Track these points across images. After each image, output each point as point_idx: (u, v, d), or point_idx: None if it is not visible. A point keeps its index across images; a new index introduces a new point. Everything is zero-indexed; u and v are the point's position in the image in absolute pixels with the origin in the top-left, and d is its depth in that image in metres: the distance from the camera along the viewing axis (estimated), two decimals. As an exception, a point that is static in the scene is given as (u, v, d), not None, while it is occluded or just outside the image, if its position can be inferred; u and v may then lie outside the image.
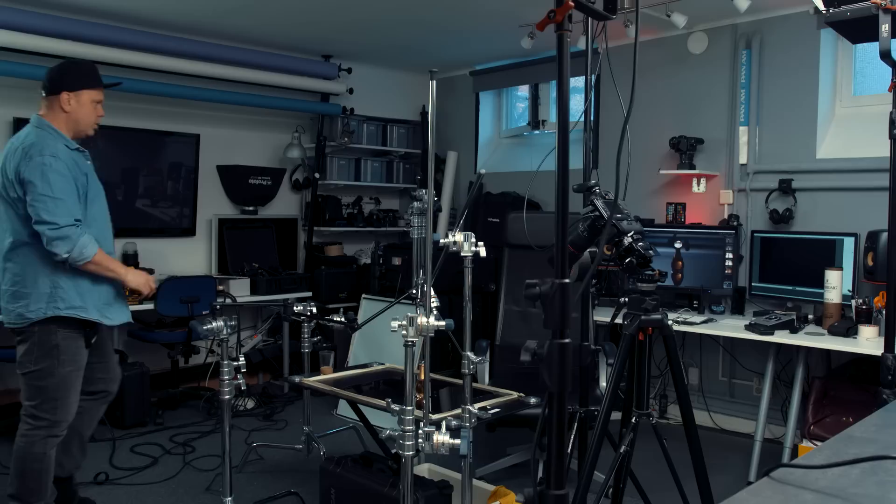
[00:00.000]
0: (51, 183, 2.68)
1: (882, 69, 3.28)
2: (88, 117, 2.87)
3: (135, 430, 4.30)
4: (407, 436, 2.02)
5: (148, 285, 2.93)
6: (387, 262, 5.37)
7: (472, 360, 2.50)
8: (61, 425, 2.84)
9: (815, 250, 3.95)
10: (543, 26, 1.32)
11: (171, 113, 5.14)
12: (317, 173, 5.69)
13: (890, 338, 2.19)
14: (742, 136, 4.49)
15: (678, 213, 4.69)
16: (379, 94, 6.14)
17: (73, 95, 2.81)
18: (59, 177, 2.70)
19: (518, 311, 4.09)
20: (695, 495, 2.15)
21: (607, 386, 2.49)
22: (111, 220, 3.04)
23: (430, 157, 2.19)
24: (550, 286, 1.30)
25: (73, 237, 2.69)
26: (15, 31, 4.19)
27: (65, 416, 2.85)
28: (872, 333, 3.39)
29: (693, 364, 4.73)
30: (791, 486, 1.20)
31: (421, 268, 2.48)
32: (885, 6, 1.96)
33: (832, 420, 3.63)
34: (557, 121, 1.38)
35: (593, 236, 2.15)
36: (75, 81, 2.83)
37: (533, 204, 5.46)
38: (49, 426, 2.81)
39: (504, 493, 2.95)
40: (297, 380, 3.26)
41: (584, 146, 2.66)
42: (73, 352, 2.84)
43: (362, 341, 4.77)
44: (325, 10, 4.45)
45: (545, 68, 5.44)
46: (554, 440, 1.32)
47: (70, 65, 2.97)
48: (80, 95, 2.83)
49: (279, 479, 3.64)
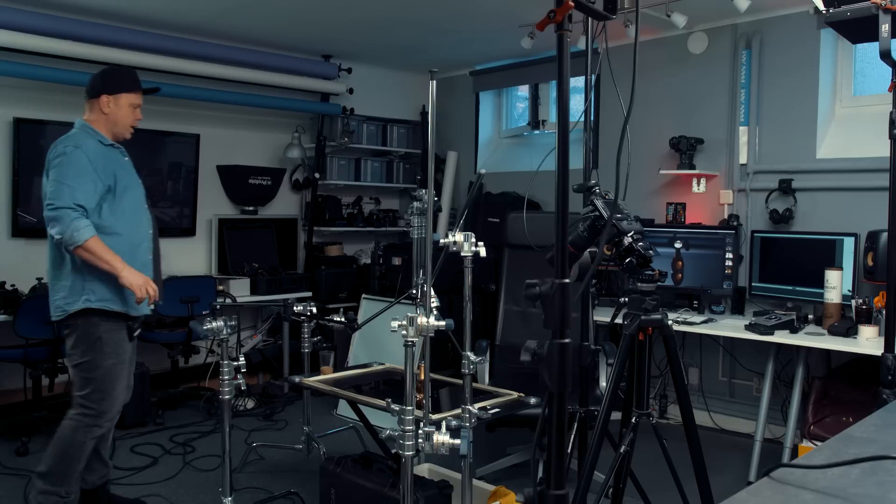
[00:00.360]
0: (65, 170, 2.77)
1: (882, 69, 3.28)
2: (125, 119, 2.99)
3: (135, 430, 4.30)
4: (407, 436, 2.02)
5: (144, 288, 2.81)
6: (387, 262, 5.37)
7: (472, 360, 2.50)
8: (107, 416, 2.93)
9: (815, 250, 3.95)
10: (543, 26, 1.32)
11: (171, 113, 5.14)
12: (317, 173, 5.69)
13: (890, 338, 2.19)
14: (742, 136, 4.49)
15: (678, 213, 4.69)
16: (379, 94, 6.14)
17: (112, 98, 2.95)
18: (74, 165, 2.78)
19: (518, 311, 4.09)
20: (695, 495, 2.15)
21: (607, 386, 2.49)
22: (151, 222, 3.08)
23: (430, 157, 2.19)
24: (550, 286, 1.30)
25: (67, 219, 2.70)
26: (15, 31, 4.19)
27: (110, 407, 2.92)
28: (872, 333, 3.39)
29: (693, 364, 4.73)
30: (791, 486, 1.20)
31: (421, 268, 2.48)
32: (885, 6, 1.96)
33: (832, 420, 3.63)
34: (557, 121, 1.38)
35: (593, 236, 2.15)
36: (114, 85, 2.96)
37: (533, 204, 5.46)
38: (95, 416, 2.90)
39: (504, 493, 2.95)
40: (297, 380, 3.26)
41: (584, 146, 2.66)
42: (116, 344, 2.91)
43: (362, 341, 4.77)
44: (325, 10, 4.45)
45: (545, 68, 5.44)
46: (554, 440, 1.32)
47: (111, 70, 3.11)
48: (118, 98, 2.95)
49: (279, 479, 3.64)
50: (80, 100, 4.72)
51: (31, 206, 4.58)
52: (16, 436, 4.03)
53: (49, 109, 4.65)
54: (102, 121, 2.96)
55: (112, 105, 2.95)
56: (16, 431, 4.11)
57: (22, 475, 3.58)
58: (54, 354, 4.05)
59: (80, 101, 4.73)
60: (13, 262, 4.47)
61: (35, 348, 3.97)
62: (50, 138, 4.60)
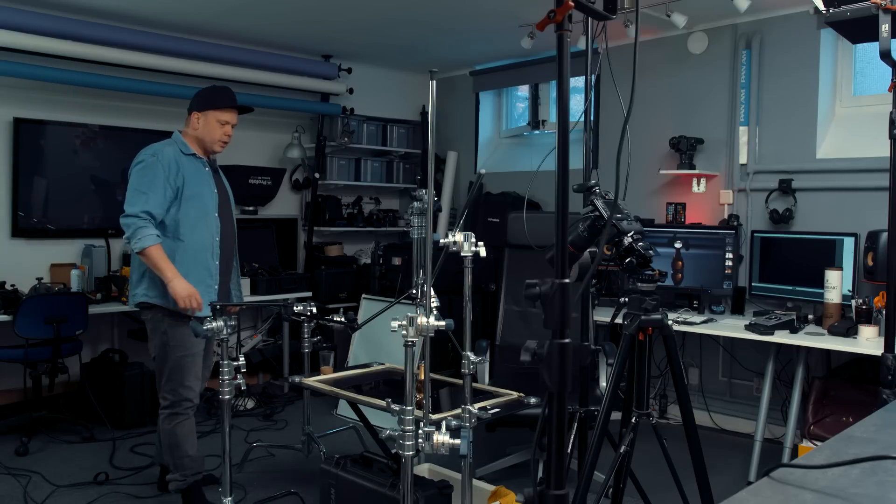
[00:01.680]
0: (140, 177, 3.02)
1: (882, 69, 3.29)
2: (213, 135, 3.20)
3: (135, 430, 4.30)
4: (407, 436, 2.02)
5: (187, 300, 2.98)
6: (387, 262, 5.37)
7: (472, 360, 2.50)
8: (182, 405, 3.12)
9: (815, 250, 3.95)
10: (543, 26, 1.31)
11: (172, 113, 5.13)
12: (317, 173, 5.69)
13: (890, 338, 2.19)
14: (742, 136, 4.49)
15: (678, 213, 4.69)
16: (379, 94, 6.14)
17: (202, 115, 3.18)
18: (148, 173, 3.02)
19: (518, 311, 4.09)
20: (695, 495, 2.15)
21: (607, 386, 2.49)
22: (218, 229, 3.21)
23: (430, 157, 2.19)
24: (550, 286, 1.30)
25: (133, 226, 2.96)
26: (15, 31, 4.19)
27: (182, 397, 3.11)
28: (872, 333, 3.39)
29: (693, 364, 4.73)
30: (791, 486, 1.20)
31: (421, 268, 2.48)
32: (885, 6, 1.96)
33: (832, 420, 3.63)
34: (557, 121, 1.38)
35: (593, 236, 2.15)
36: (203, 103, 3.19)
37: (533, 204, 5.46)
38: (171, 405, 3.12)
39: (504, 493, 2.95)
40: (297, 380, 3.26)
41: (584, 146, 2.66)
42: (181, 338, 3.07)
43: (362, 341, 4.77)
44: (325, 10, 4.45)
45: (545, 68, 5.44)
46: (554, 440, 1.32)
47: (206, 88, 3.29)
48: (206, 116, 3.18)
49: (279, 479, 3.64)
50: (80, 100, 4.79)
51: (31, 206, 4.58)
52: (16, 436, 4.04)
53: (49, 109, 4.65)
54: (192, 135, 3.20)
55: (201, 121, 3.18)
56: (16, 431, 4.11)
57: (22, 475, 3.58)
58: (54, 354, 4.05)
59: (81, 101, 4.79)
60: (13, 262, 4.47)
61: (35, 348, 3.97)
62: (50, 138, 4.65)
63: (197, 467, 3.17)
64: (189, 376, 3.11)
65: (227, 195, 3.32)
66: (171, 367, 3.10)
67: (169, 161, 3.05)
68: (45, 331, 3.95)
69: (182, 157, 3.12)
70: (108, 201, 4.90)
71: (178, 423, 3.12)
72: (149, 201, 2.98)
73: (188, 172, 3.11)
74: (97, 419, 4.25)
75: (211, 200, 3.19)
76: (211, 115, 3.17)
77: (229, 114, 3.22)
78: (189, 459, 3.14)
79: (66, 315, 4.01)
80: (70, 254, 4.74)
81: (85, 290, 4.47)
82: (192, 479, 3.15)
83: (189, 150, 3.16)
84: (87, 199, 4.82)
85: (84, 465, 3.77)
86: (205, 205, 3.15)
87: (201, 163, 3.20)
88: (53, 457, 3.90)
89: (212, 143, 3.20)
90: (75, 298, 4.14)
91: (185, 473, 3.14)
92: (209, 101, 3.20)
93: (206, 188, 3.18)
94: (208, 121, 3.18)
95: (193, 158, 3.16)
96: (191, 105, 3.22)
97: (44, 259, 4.64)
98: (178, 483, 3.15)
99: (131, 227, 2.96)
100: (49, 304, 4.00)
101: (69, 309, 4.05)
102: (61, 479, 3.57)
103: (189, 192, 3.09)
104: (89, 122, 4.80)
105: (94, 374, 4.49)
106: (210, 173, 3.23)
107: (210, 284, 3.16)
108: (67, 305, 4.06)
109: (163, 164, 3.03)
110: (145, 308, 3.12)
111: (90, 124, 4.80)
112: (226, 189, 3.33)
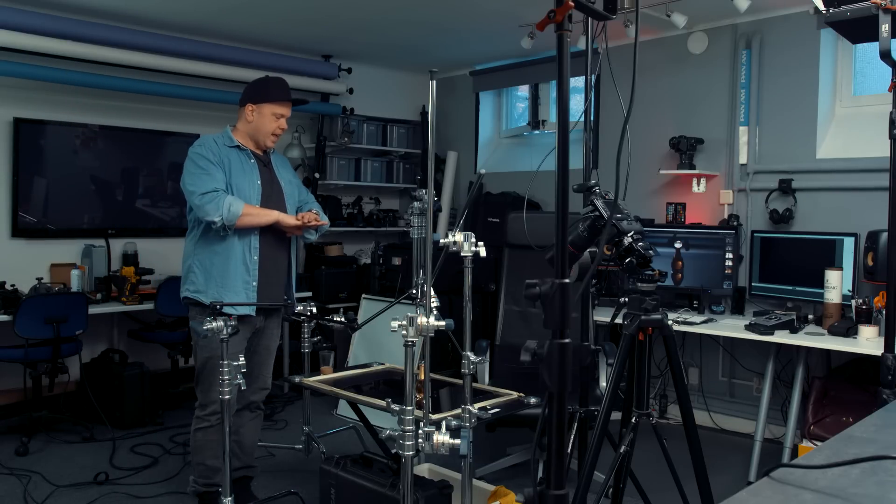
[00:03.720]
0: (195, 161, 2.99)
1: (882, 69, 3.29)
2: (267, 127, 3.13)
3: (135, 430, 4.30)
4: (407, 436, 2.02)
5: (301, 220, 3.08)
6: (387, 262, 5.37)
7: (472, 360, 2.50)
8: (207, 408, 3.06)
9: (815, 250, 3.95)
10: (543, 26, 1.31)
11: (171, 113, 5.14)
12: (317, 173, 5.69)
13: (890, 338, 2.19)
14: (742, 136, 4.49)
15: (678, 213, 4.69)
16: (379, 94, 6.14)
17: (256, 108, 3.12)
18: (202, 157, 3.00)
19: (518, 311, 4.09)
20: (695, 495, 2.15)
21: (607, 386, 2.49)
22: None
23: (430, 157, 2.19)
24: (550, 286, 1.30)
25: (218, 198, 2.91)
26: (15, 31, 4.19)
27: (209, 400, 3.04)
28: (872, 333, 3.39)
29: (693, 364, 4.73)
30: (791, 486, 1.20)
31: (421, 268, 2.47)
32: (885, 6, 1.96)
33: (832, 420, 3.64)
34: (557, 121, 1.38)
35: (593, 236, 2.15)
36: (258, 95, 3.13)
37: (533, 204, 5.46)
38: (199, 407, 3.10)
39: (504, 493, 2.95)
40: (297, 380, 3.26)
41: (584, 146, 2.66)
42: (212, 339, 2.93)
43: (362, 341, 4.77)
44: (325, 10, 4.45)
45: (545, 68, 5.43)
46: (554, 440, 1.32)
47: (259, 80, 3.25)
48: (261, 108, 3.12)
49: (279, 479, 3.64)
50: (80, 100, 4.79)
51: (31, 206, 4.58)
52: (16, 436, 4.04)
53: (49, 109, 4.65)
54: (245, 128, 3.14)
55: (255, 114, 3.11)
56: (16, 431, 4.11)
57: (22, 475, 3.58)
58: (54, 354, 4.05)
59: (80, 101, 4.79)
60: (13, 262, 4.47)
61: (35, 348, 3.98)
62: (50, 138, 4.66)
63: (210, 477, 3.09)
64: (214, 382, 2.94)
65: (277, 189, 3.20)
66: (200, 368, 3.08)
67: (213, 148, 3.04)
68: (45, 331, 3.95)
69: (226, 148, 3.08)
70: (109, 201, 4.90)
71: (199, 429, 3.08)
72: (215, 178, 2.95)
73: (232, 164, 3.07)
74: (97, 419, 4.25)
75: (253, 193, 3.08)
76: (266, 108, 3.11)
77: (284, 107, 3.16)
78: (203, 468, 3.09)
79: (66, 315, 4.01)
80: (70, 254, 4.74)
81: (85, 290, 4.47)
82: (203, 489, 3.11)
83: (233, 142, 3.10)
84: (87, 199, 4.82)
85: (84, 465, 3.77)
86: (244, 197, 3.04)
87: (246, 154, 3.12)
88: (53, 457, 3.90)
89: (265, 136, 3.14)
90: (75, 298, 4.15)
91: (196, 479, 3.12)
92: (264, 93, 3.13)
93: (247, 180, 3.08)
94: (263, 113, 3.11)
95: (238, 150, 3.10)
96: (243, 97, 3.15)
97: (44, 259, 4.64)
98: (191, 486, 3.14)
99: (216, 200, 2.90)
100: (49, 304, 4.00)
101: (69, 309, 4.05)
102: (61, 479, 3.57)
103: (229, 182, 3.03)
104: (89, 122, 4.80)
105: (94, 374, 4.49)
106: (255, 166, 3.14)
107: (248, 281, 3.05)
108: (67, 305, 4.07)
109: (211, 150, 3.02)
110: (190, 305, 3.08)
111: (90, 124, 4.80)
112: (278, 183, 3.22)
